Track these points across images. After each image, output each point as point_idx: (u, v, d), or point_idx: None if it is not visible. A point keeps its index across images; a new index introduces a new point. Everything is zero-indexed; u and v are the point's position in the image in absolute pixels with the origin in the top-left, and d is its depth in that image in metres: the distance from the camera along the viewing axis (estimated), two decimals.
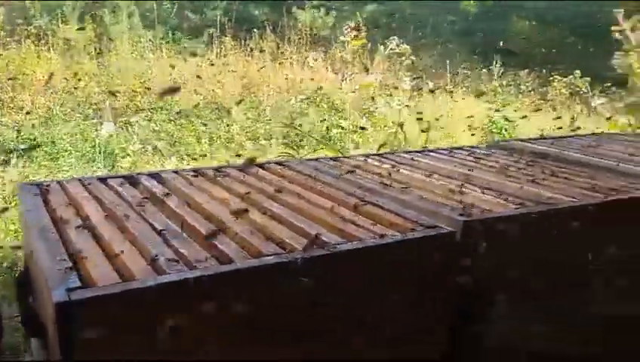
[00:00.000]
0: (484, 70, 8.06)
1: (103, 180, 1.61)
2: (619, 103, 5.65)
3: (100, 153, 4.53)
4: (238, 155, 4.25)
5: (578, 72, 7.03)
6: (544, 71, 8.42)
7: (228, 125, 5.56)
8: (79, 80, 6.04)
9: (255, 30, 9.14)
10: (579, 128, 3.92)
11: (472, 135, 5.05)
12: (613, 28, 5.30)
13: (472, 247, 1.33)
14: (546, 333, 1.45)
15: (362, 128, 4.72)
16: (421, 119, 3.76)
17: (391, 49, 6.22)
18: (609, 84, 7.06)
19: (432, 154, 2.13)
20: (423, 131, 3.99)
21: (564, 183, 1.71)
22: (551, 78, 8.01)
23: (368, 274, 1.20)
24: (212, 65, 7.86)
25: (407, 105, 5.58)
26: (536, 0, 11.60)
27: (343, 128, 5.53)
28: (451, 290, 1.31)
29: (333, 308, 1.15)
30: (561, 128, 4.27)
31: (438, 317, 1.30)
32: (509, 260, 1.38)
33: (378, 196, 1.54)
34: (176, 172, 1.73)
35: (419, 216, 1.38)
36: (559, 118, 5.23)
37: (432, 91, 7.04)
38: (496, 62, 7.63)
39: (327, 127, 5.62)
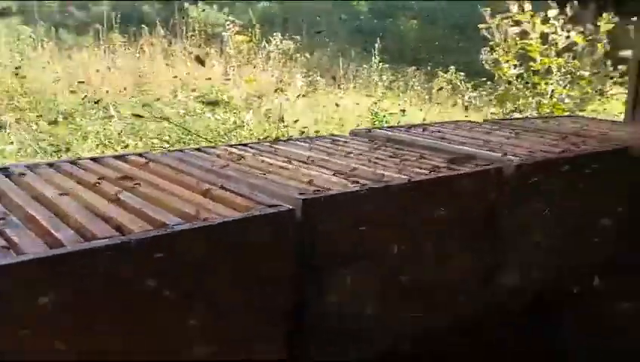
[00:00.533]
0: (373, 66, 8.40)
1: None
2: (489, 96, 6.16)
3: None
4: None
5: (452, 67, 7.53)
6: (429, 67, 8.94)
7: (111, 124, 5.41)
8: None
9: (145, 27, 8.91)
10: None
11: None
12: (480, 25, 5.77)
13: (311, 224, 1.44)
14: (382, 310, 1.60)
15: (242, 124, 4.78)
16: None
17: (275, 45, 6.33)
18: (484, 78, 7.61)
19: (295, 142, 2.24)
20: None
21: (404, 165, 1.88)
22: (435, 74, 8.53)
23: (207, 254, 1.26)
24: (99, 62, 7.58)
25: (296, 99, 5.72)
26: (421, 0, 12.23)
27: (236, 124, 5.56)
28: (291, 268, 1.41)
29: (171, 291, 1.21)
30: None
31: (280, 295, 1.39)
32: (346, 236, 1.51)
33: (232, 182, 1.61)
34: (28, 166, 1.71)
35: (265, 198, 1.46)
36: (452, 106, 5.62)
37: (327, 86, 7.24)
38: (380, 60, 7.98)
39: (221, 124, 5.63)
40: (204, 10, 8.86)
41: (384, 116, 5.52)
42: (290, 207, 1.41)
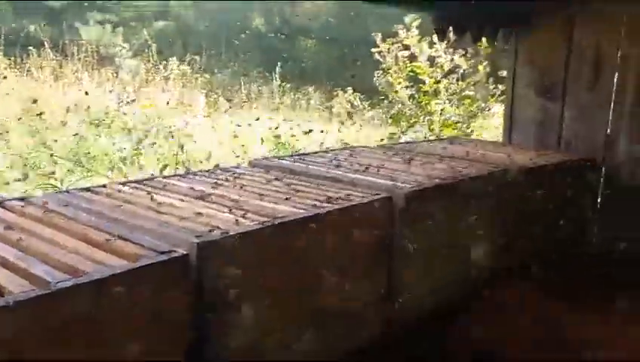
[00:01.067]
0: (274, 86, 8.49)
1: None
2: (386, 114, 6.45)
3: None
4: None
5: (350, 89, 7.79)
6: (329, 87, 9.19)
7: None
8: None
9: (32, 48, 8.39)
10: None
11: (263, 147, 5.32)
12: (372, 50, 6.05)
13: (207, 266, 1.43)
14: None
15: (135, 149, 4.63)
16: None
17: (172, 67, 6.22)
18: (382, 97, 7.92)
19: (191, 176, 2.21)
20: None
21: (301, 196, 1.92)
22: (335, 94, 8.77)
23: (95, 309, 1.22)
24: None
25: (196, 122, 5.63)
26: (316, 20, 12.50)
27: (135, 150, 5.37)
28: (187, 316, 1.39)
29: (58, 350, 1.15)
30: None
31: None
32: (243, 274, 1.51)
33: (123, 227, 1.56)
34: None
35: (157, 243, 1.44)
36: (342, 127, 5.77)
37: (229, 108, 7.19)
38: (281, 80, 8.09)
39: (117, 151, 5.40)
40: (103, 26, 8.50)
41: (286, 142, 5.59)
42: (184, 252, 1.39)
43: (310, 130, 5.83)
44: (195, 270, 1.42)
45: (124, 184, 2.07)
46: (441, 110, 5.84)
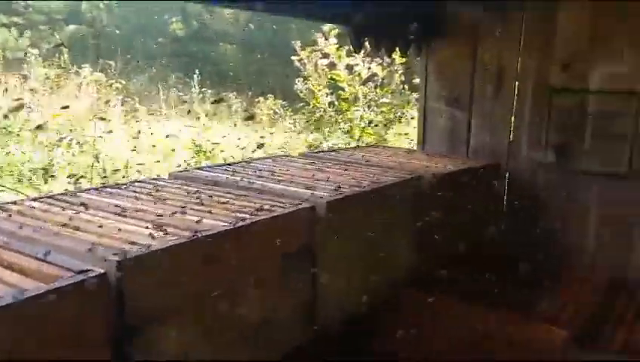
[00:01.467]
0: (194, 93, 8.36)
1: None
2: (308, 121, 6.56)
3: None
4: None
5: (271, 95, 7.84)
6: (249, 94, 9.18)
7: None
8: None
9: None
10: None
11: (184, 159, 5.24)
12: (292, 57, 6.15)
13: (126, 285, 1.42)
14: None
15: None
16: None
17: (84, 76, 5.99)
18: (304, 105, 8.03)
19: (108, 190, 2.16)
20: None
21: (222, 208, 1.94)
22: (257, 100, 8.77)
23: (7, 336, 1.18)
24: None
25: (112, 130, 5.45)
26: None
27: (47, 162, 5.11)
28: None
29: None
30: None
31: None
32: (164, 291, 1.51)
33: (36, 245, 1.51)
34: None
35: (73, 262, 1.40)
36: (262, 137, 5.80)
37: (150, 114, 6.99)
38: (201, 86, 7.99)
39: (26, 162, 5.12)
40: (9, 30, 8.01)
41: (207, 150, 5.54)
42: (102, 271, 1.37)
43: (229, 138, 5.81)
44: (114, 288, 1.40)
45: (35, 200, 1.99)
46: (361, 117, 6.01)
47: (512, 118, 3.15)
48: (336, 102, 6.09)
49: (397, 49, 3.23)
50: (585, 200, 2.99)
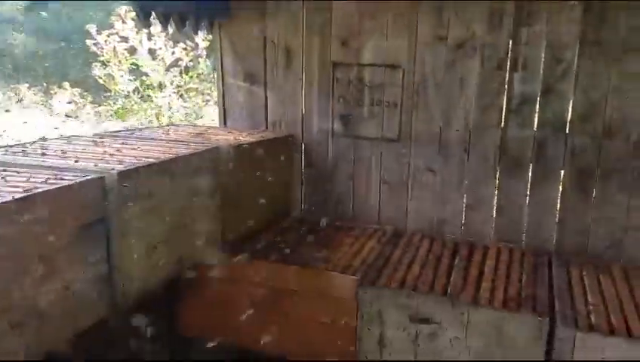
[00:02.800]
0: None
1: None
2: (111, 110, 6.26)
3: None
4: None
5: (67, 83, 7.32)
6: (45, 84, 8.41)
7: None
8: None
9: None
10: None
11: None
12: (87, 41, 5.80)
13: None
14: None
15: None
16: None
17: None
18: (106, 92, 7.60)
19: None
20: None
21: (7, 185, 1.83)
22: (53, 91, 8.08)
23: None
24: None
25: None
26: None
27: None
28: None
29: None
30: None
31: None
32: None
33: None
34: None
35: None
36: None
37: None
38: None
39: None
40: None
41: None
42: None
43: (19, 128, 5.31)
44: None
45: None
46: (169, 103, 5.92)
47: (303, 92, 3.41)
48: (140, 89, 5.90)
49: (186, 27, 3.26)
50: (368, 162, 3.38)
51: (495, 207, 3.17)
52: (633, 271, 2.82)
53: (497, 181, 3.14)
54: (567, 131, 2.95)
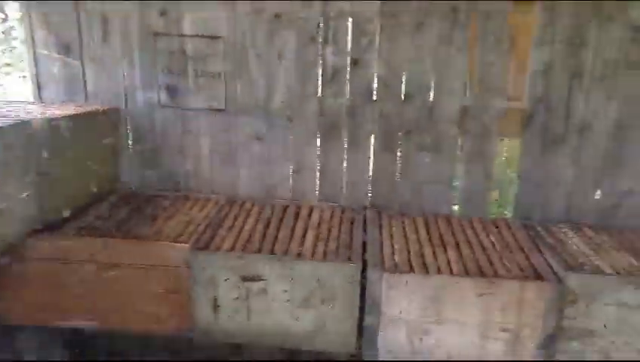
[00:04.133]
0: None
1: None
2: None
3: None
4: None
5: None
6: None
7: None
8: None
9: None
10: None
11: None
12: None
13: None
14: None
15: None
16: None
17: None
18: None
19: None
20: None
21: None
22: None
23: None
24: None
25: None
26: None
27: None
28: None
29: None
30: None
31: None
32: None
33: None
34: None
35: None
36: None
37: None
38: None
39: None
40: None
41: None
42: None
43: None
44: None
45: None
46: None
47: (124, 64, 3.33)
48: None
49: None
50: (197, 133, 3.43)
51: (318, 171, 3.44)
52: (431, 218, 3.28)
53: (318, 147, 3.40)
54: (374, 98, 3.29)
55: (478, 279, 2.57)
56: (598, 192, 3.28)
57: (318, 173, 3.45)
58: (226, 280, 2.68)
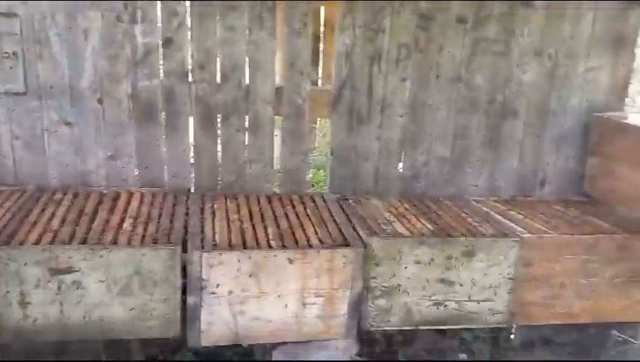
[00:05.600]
0: None
1: None
2: None
3: None
4: None
5: None
6: None
7: None
8: None
9: None
10: None
11: None
12: None
13: None
14: None
15: None
16: None
17: None
18: None
19: None
20: None
21: None
22: None
23: None
24: None
25: None
26: None
27: None
28: None
29: None
30: None
31: None
32: None
33: None
34: None
35: None
36: None
37: None
38: None
39: None
40: None
41: None
42: None
43: None
44: None
45: None
46: None
47: None
48: None
49: None
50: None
51: (135, 155, 3.34)
52: (253, 198, 3.38)
53: (134, 130, 3.30)
54: (189, 79, 3.28)
55: (293, 250, 2.73)
56: (400, 165, 3.66)
57: (135, 158, 3.34)
58: (33, 275, 2.51)
